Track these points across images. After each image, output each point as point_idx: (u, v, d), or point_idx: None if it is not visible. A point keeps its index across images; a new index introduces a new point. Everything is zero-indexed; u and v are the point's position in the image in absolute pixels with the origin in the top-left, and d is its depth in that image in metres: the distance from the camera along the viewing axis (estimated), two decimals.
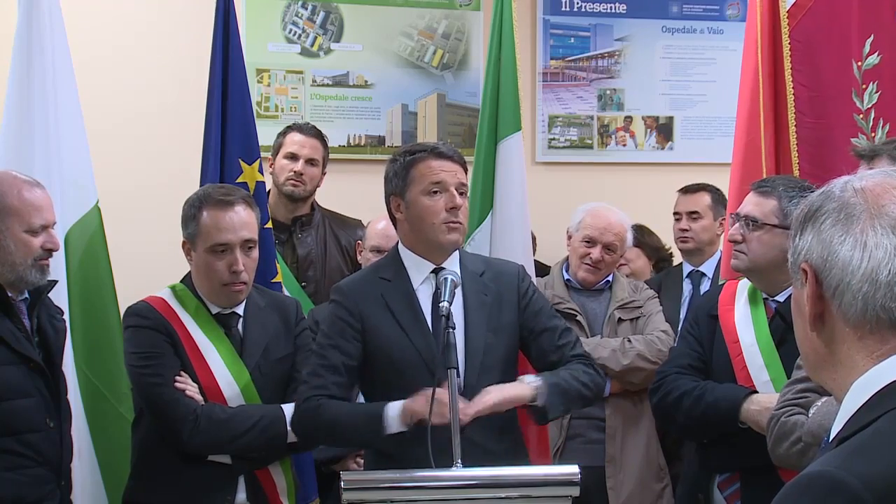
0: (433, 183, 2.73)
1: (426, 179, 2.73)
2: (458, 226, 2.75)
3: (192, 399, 2.85)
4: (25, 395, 2.72)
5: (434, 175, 2.73)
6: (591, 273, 3.86)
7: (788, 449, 2.56)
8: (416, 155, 2.77)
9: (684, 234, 4.44)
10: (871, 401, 1.23)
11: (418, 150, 2.79)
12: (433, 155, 2.75)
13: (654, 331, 3.76)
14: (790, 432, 2.55)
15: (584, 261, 3.85)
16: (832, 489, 1.13)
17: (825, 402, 2.50)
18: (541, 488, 2.42)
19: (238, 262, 2.90)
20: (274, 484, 2.99)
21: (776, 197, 2.95)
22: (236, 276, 2.90)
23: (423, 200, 2.73)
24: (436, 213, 2.72)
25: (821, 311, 1.30)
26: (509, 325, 2.81)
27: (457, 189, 2.74)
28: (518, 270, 2.92)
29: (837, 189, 1.32)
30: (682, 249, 4.48)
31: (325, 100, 5.03)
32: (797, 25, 3.57)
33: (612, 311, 3.83)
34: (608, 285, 3.92)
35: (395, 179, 2.78)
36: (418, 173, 2.74)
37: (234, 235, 2.91)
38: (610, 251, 3.86)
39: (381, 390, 2.74)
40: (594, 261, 3.84)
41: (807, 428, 2.51)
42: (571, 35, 5.37)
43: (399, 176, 2.77)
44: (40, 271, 2.80)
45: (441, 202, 2.72)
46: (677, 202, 4.54)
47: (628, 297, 3.86)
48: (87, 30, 4.39)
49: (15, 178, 2.82)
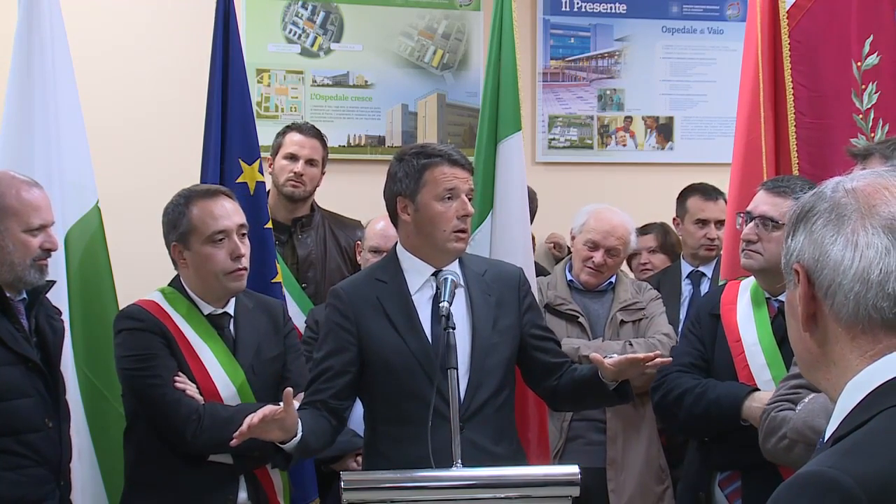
0: (447, 189, 2.73)
1: (440, 185, 2.73)
2: (465, 235, 2.78)
3: (193, 399, 2.85)
4: (24, 395, 2.73)
5: (448, 181, 2.73)
6: (593, 276, 3.86)
7: (776, 444, 2.57)
8: (431, 159, 2.76)
9: (712, 242, 4.36)
10: (865, 400, 1.23)
11: (433, 154, 2.78)
12: (448, 161, 2.75)
13: (655, 333, 3.75)
14: (778, 428, 2.56)
15: (587, 264, 3.85)
16: (827, 489, 1.13)
17: (811, 400, 2.50)
18: (541, 488, 2.43)
19: (239, 247, 2.91)
20: (273, 484, 3.01)
21: (794, 197, 2.94)
22: (238, 261, 2.91)
23: (436, 206, 2.73)
24: (448, 220, 2.73)
25: (813, 312, 1.30)
26: (511, 327, 2.81)
27: (466, 196, 2.76)
28: (519, 274, 2.92)
29: (829, 189, 1.32)
30: (706, 257, 4.40)
31: (325, 100, 5.03)
32: (797, 26, 3.57)
33: (615, 313, 3.82)
34: (611, 286, 3.91)
35: (405, 180, 2.76)
36: (432, 178, 2.74)
37: (230, 221, 2.92)
38: (612, 255, 3.85)
39: (378, 393, 2.75)
40: (596, 265, 3.83)
41: (791, 425, 2.52)
42: (571, 35, 5.38)
43: (410, 177, 2.75)
44: (39, 271, 2.80)
45: (453, 209, 2.73)
46: (702, 208, 4.43)
47: (631, 299, 3.85)
48: (87, 30, 4.39)
49: (13, 179, 2.82)
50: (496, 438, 2.71)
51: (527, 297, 2.89)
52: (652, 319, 3.82)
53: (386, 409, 2.75)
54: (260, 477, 2.97)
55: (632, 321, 3.82)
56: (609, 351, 3.68)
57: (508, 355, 2.80)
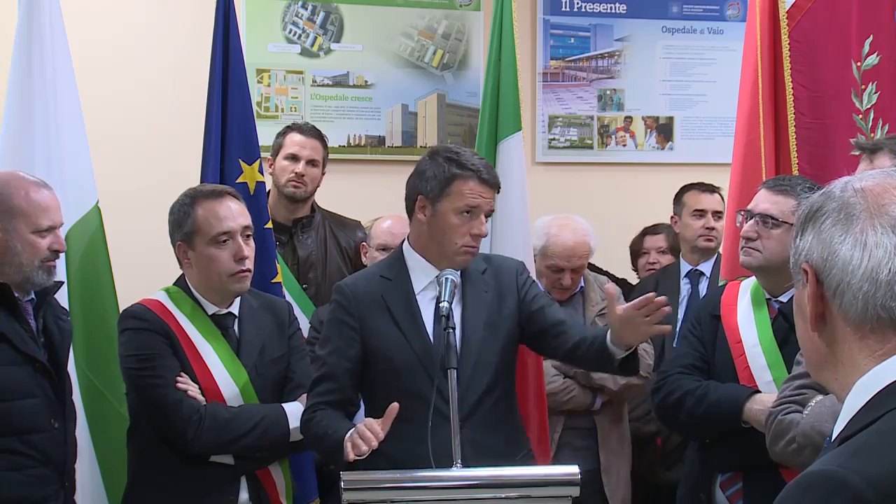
0: (469, 205, 2.74)
1: (463, 200, 2.74)
2: (474, 251, 2.79)
3: (194, 399, 2.85)
4: (30, 395, 2.73)
5: (473, 199, 2.74)
6: (562, 293, 3.84)
7: (784, 447, 2.56)
8: (463, 171, 2.76)
9: (710, 232, 4.40)
10: (873, 400, 1.23)
11: (466, 167, 2.77)
12: (478, 178, 2.75)
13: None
14: (786, 431, 2.55)
15: (555, 285, 3.83)
16: (834, 488, 1.13)
17: (818, 403, 2.50)
18: (541, 488, 2.43)
19: (242, 248, 2.91)
20: (274, 484, 3.00)
21: (795, 196, 2.94)
22: (242, 262, 2.91)
23: (453, 218, 2.74)
24: (461, 235, 2.75)
25: (822, 312, 1.30)
26: (508, 316, 2.82)
27: (486, 215, 2.78)
28: (518, 266, 2.95)
29: (838, 189, 1.32)
30: (705, 248, 4.42)
31: (325, 100, 5.03)
32: (796, 26, 3.57)
33: (593, 319, 3.80)
34: (581, 289, 3.90)
35: (432, 181, 2.77)
36: (457, 190, 2.74)
37: (234, 223, 2.92)
38: (578, 271, 3.83)
39: (379, 391, 2.75)
40: (565, 286, 3.82)
41: (800, 429, 2.51)
42: (571, 35, 5.38)
43: (438, 181, 2.76)
44: (47, 272, 2.80)
45: (468, 226, 2.74)
46: (699, 200, 4.47)
47: (601, 301, 3.82)
48: (87, 30, 4.39)
49: (22, 179, 2.82)
50: (496, 433, 2.72)
51: (526, 283, 2.89)
52: None
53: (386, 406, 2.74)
54: (262, 477, 2.96)
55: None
56: None
57: (501, 349, 2.79)
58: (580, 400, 3.73)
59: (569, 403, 3.72)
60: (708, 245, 4.41)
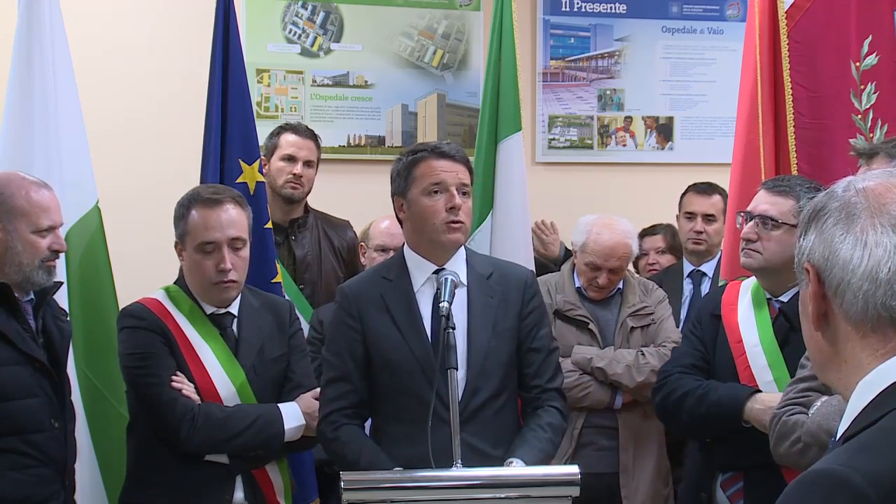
0: (433, 183, 2.71)
1: (426, 179, 2.72)
2: (459, 225, 2.73)
3: (189, 398, 2.85)
4: (31, 395, 2.73)
5: (434, 175, 2.71)
6: (598, 292, 3.83)
7: (789, 448, 2.57)
8: (417, 154, 2.76)
9: (699, 236, 4.39)
10: (877, 399, 1.23)
11: (420, 150, 2.78)
12: (434, 154, 2.74)
13: (665, 340, 3.71)
14: (791, 432, 2.56)
15: (591, 283, 3.82)
16: (836, 487, 1.13)
17: (824, 403, 2.50)
18: (541, 488, 2.42)
19: (225, 260, 2.89)
20: (271, 483, 2.99)
21: (794, 197, 2.94)
22: (223, 274, 2.90)
23: (423, 201, 2.72)
24: (436, 213, 2.71)
25: (824, 311, 1.30)
26: (510, 329, 2.78)
27: (458, 189, 2.72)
28: (527, 277, 2.89)
29: (840, 189, 1.32)
30: (694, 251, 4.43)
31: (325, 100, 5.03)
32: (795, 26, 3.57)
33: (624, 319, 3.79)
34: (619, 291, 3.87)
35: (398, 179, 2.78)
36: (419, 173, 2.73)
37: (222, 234, 2.90)
38: (616, 272, 3.80)
39: (379, 391, 2.75)
40: (601, 285, 3.81)
41: (806, 428, 2.51)
42: (571, 35, 5.37)
43: (402, 176, 2.76)
44: (47, 272, 2.81)
45: (441, 202, 2.70)
46: (691, 202, 4.48)
47: (639, 303, 3.81)
48: (87, 30, 4.39)
49: (23, 180, 2.83)
50: (496, 442, 2.69)
51: (532, 301, 2.83)
52: (661, 324, 3.79)
53: (386, 407, 2.74)
54: (258, 477, 2.96)
55: (641, 326, 3.78)
56: (622, 360, 3.68)
57: (506, 358, 2.77)
58: (597, 397, 3.69)
59: (585, 400, 3.68)
60: (696, 248, 4.41)
